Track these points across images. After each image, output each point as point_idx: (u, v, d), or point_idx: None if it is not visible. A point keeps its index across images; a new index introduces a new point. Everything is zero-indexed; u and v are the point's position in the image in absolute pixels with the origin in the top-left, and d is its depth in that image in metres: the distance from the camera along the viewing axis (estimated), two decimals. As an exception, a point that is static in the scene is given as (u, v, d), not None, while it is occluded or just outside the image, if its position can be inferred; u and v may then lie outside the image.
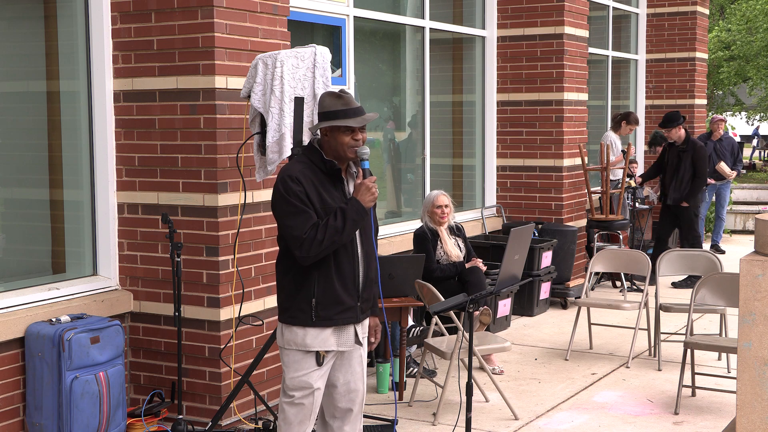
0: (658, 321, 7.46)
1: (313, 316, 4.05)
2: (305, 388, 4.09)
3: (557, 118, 9.72)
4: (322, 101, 4.09)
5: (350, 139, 4.02)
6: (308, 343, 4.07)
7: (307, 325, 4.06)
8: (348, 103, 4.03)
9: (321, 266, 4.04)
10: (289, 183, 3.98)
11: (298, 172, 4.01)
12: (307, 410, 4.12)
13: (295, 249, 3.97)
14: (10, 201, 5.87)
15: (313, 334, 4.07)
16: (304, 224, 3.94)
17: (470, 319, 4.89)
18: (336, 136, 4.03)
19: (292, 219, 3.97)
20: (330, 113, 4.02)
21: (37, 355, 5.14)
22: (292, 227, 3.97)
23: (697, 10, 13.07)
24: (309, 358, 4.09)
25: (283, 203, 4.00)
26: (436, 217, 7.24)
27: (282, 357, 4.18)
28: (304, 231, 3.93)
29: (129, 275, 5.90)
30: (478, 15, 9.91)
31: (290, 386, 4.12)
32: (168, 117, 5.70)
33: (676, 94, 13.21)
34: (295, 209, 3.96)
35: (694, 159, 10.22)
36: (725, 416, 6.04)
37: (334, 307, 4.07)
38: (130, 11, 5.75)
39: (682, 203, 10.20)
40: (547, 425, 5.91)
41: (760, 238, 3.36)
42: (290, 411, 4.13)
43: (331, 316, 4.07)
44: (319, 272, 4.04)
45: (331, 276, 4.05)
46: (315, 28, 7.61)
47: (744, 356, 3.26)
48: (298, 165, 4.07)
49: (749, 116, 28.60)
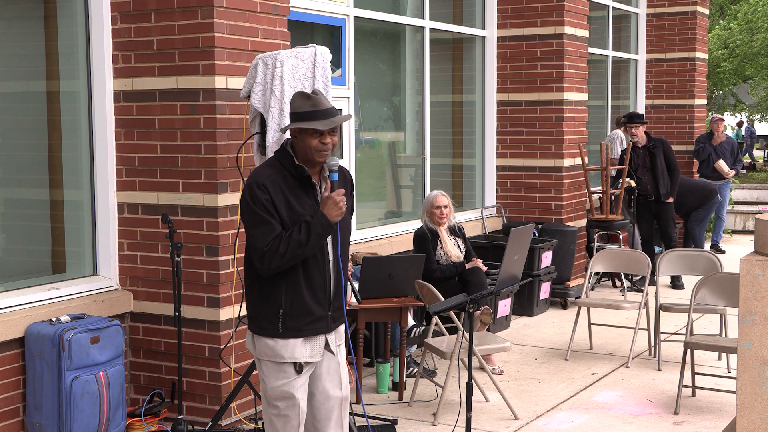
0: (658, 321, 7.46)
1: (280, 327, 3.92)
2: (287, 398, 3.97)
3: (557, 118, 9.72)
4: (292, 101, 3.93)
5: (318, 143, 3.85)
6: (279, 354, 3.95)
7: (276, 336, 3.94)
8: (317, 104, 3.86)
9: (288, 276, 3.90)
10: (256, 191, 3.83)
11: (266, 179, 3.85)
12: (294, 421, 4.00)
13: (256, 261, 3.84)
14: (10, 201, 5.87)
15: (282, 345, 3.94)
16: (266, 236, 3.80)
17: (470, 319, 4.89)
18: (304, 139, 3.86)
19: (255, 229, 3.84)
20: (298, 114, 3.87)
21: (37, 355, 5.14)
22: (254, 237, 3.84)
23: (697, 10, 13.07)
24: (287, 367, 3.96)
25: (247, 212, 3.87)
26: (435, 217, 7.24)
27: (258, 366, 4.06)
28: (266, 243, 3.79)
29: (129, 275, 5.91)
30: (478, 15, 9.91)
31: (272, 396, 4.00)
32: (168, 117, 5.70)
33: (676, 94, 13.21)
34: (259, 219, 3.82)
35: (666, 153, 10.34)
36: (725, 416, 6.04)
37: (303, 317, 3.93)
38: (130, 11, 5.75)
39: (669, 198, 10.28)
40: (547, 425, 5.91)
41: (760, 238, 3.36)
42: (278, 423, 4.01)
43: (300, 327, 3.93)
44: (287, 282, 3.90)
45: (299, 286, 3.91)
46: (315, 28, 7.61)
47: (744, 356, 3.26)
48: (268, 170, 3.91)
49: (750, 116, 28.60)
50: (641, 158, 10.32)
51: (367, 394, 6.47)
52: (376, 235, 8.23)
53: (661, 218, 10.38)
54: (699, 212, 11.39)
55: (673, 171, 10.33)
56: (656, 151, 10.28)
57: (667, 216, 10.37)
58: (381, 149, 9.03)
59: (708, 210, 11.58)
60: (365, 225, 8.33)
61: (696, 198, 11.34)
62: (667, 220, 10.38)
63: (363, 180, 8.43)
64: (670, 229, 10.39)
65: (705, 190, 11.53)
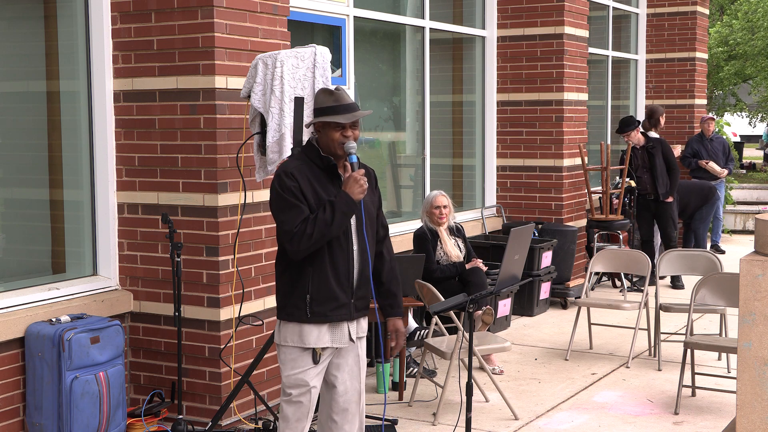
0: (658, 321, 7.46)
1: (308, 312, 4.09)
2: (302, 386, 4.13)
3: (557, 118, 9.72)
4: (316, 98, 4.18)
5: (340, 135, 4.06)
6: (304, 340, 4.11)
7: (303, 321, 4.10)
8: (339, 99, 4.08)
9: (315, 262, 4.07)
10: (284, 178, 4.05)
11: (293, 168, 4.08)
12: (304, 408, 4.15)
13: (286, 243, 4.02)
14: (10, 201, 5.87)
15: (308, 330, 4.10)
16: (295, 218, 3.99)
17: (470, 319, 4.89)
18: (327, 132, 4.09)
19: (284, 213, 4.03)
20: (321, 109, 4.10)
21: (37, 355, 5.14)
22: (283, 221, 4.03)
23: (697, 10, 13.06)
24: (305, 355, 4.12)
25: (277, 199, 4.06)
26: (435, 217, 7.24)
27: (279, 355, 4.21)
28: (295, 225, 3.98)
29: (129, 275, 5.91)
30: (478, 15, 9.91)
31: (287, 384, 4.15)
32: (168, 117, 5.70)
33: (676, 94, 13.21)
34: (288, 204, 4.02)
35: (665, 153, 10.37)
36: (725, 416, 6.04)
37: (328, 303, 4.10)
38: (130, 11, 5.75)
39: (669, 198, 10.29)
40: (547, 425, 5.91)
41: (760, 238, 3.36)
42: (288, 409, 4.16)
43: (326, 312, 4.10)
44: (314, 268, 4.08)
45: (326, 272, 4.08)
46: (315, 28, 7.61)
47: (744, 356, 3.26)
48: (295, 161, 4.16)
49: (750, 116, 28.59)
50: (640, 158, 10.34)
51: (367, 394, 6.47)
52: (376, 235, 8.22)
53: (661, 218, 10.39)
54: (702, 211, 11.45)
55: (672, 170, 10.35)
56: (654, 151, 10.30)
57: (666, 216, 10.37)
58: (381, 149, 9.03)
59: (710, 208, 11.65)
60: (365, 225, 8.31)
61: (698, 198, 11.39)
62: (667, 219, 10.38)
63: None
64: (670, 229, 10.40)
65: (705, 188, 11.58)
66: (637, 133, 10.34)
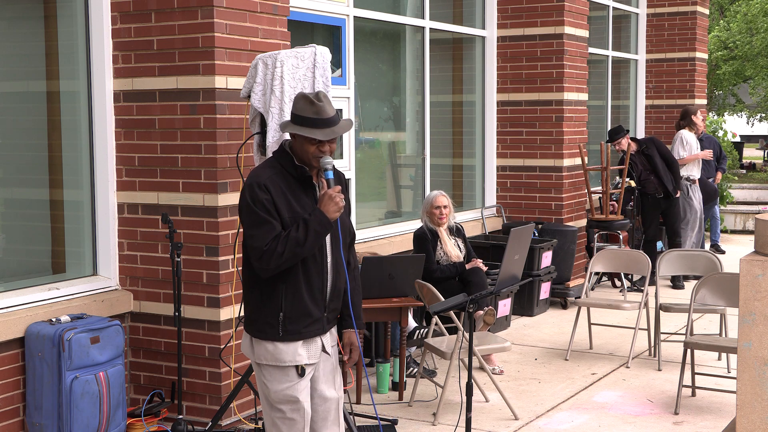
0: (658, 321, 7.46)
1: (280, 330, 3.90)
2: (292, 402, 3.95)
3: (557, 118, 9.72)
4: (296, 102, 3.91)
5: (316, 150, 3.85)
6: (280, 358, 3.93)
7: (276, 339, 3.92)
8: (320, 112, 3.84)
9: (288, 278, 3.88)
10: (256, 190, 3.82)
11: (266, 179, 3.84)
12: (300, 424, 3.98)
13: (255, 260, 3.82)
14: (10, 201, 5.87)
15: (282, 349, 3.93)
16: (266, 235, 3.78)
17: (470, 319, 4.89)
18: (302, 144, 3.87)
19: (255, 228, 3.81)
20: (299, 118, 3.85)
21: (37, 355, 5.14)
22: (253, 237, 3.81)
23: (697, 10, 13.07)
24: (289, 370, 3.94)
25: (248, 212, 3.84)
26: (435, 217, 7.24)
27: (259, 370, 4.00)
28: (266, 243, 3.77)
29: (129, 275, 5.91)
30: (478, 15, 9.91)
31: (276, 400, 3.97)
32: (168, 117, 5.70)
33: (676, 94, 13.21)
34: (259, 219, 3.80)
35: (660, 150, 10.44)
36: (725, 416, 6.04)
37: (302, 320, 3.91)
38: (130, 11, 5.75)
39: (677, 193, 10.38)
40: (547, 425, 5.91)
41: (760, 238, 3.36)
42: (283, 426, 3.99)
43: (300, 329, 3.91)
44: (287, 285, 3.88)
45: (299, 288, 3.89)
46: (315, 28, 7.61)
47: (744, 356, 3.26)
48: (268, 170, 3.90)
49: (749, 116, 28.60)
50: (640, 162, 10.38)
51: (367, 394, 6.47)
52: (376, 235, 8.23)
53: (670, 214, 10.47)
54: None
55: (671, 164, 10.42)
56: (650, 151, 10.36)
57: (676, 211, 10.49)
58: (381, 149, 9.03)
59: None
60: (365, 225, 8.33)
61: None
62: (676, 215, 10.50)
63: (363, 180, 8.43)
64: (677, 224, 10.50)
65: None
66: (626, 140, 10.40)
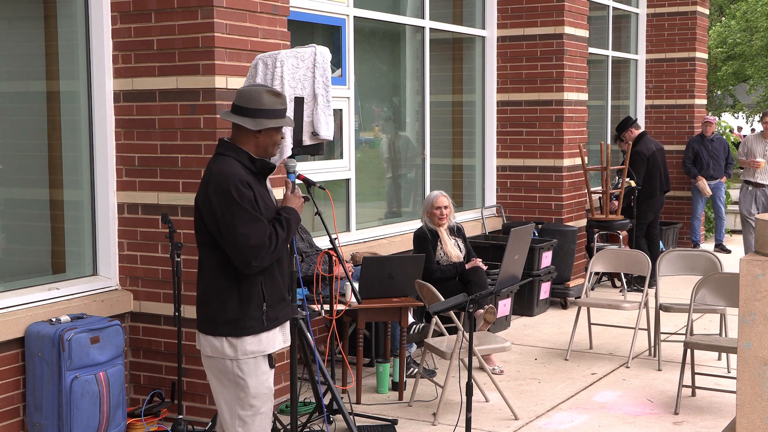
0: (658, 321, 7.46)
1: (264, 320, 4.01)
2: (265, 394, 4.07)
3: (557, 118, 9.72)
4: (263, 98, 4.01)
5: (279, 138, 4.10)
6: (265, 347, 4.04)
7: (261, 330, 4.02)
8: (284, 103, 4.09)
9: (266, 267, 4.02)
10: (242, 188, 3.87)
11: (244, 176, 3.93)
12: (268, 417, 4.12)
13: (252, 259, 3.88)
14: (10, 201, 5.87)
15: (266, 338, 4.04)
16: (261, 233, 3.88)
17: (470, 319, 4.89)
18: (271, 135, 4.05)
19: (248, 227, 3.86)
20: (272, 111, 4.02)
21: (37, 355, 5.14)
22: (249, 236, 3.85)
23: (697, 10, 13.07)
24: (262, 363, 4.04)
25: (238, 210, 3.86)
26: (435, 218, 7.24)
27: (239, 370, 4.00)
28: (263, 241, 3.88)
29: (129, 275, 5.91)
30: (478, 15, 9.91)
31: (254, 394, 4.02)
32: (168, 117, 5.70)
33: (675, 94, 13.22)
34: (250, 217, 3.87)
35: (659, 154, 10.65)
36: (725, 416, 6.04)
37: (279, 305, 4.11)
38: (130, 11, 5.75)
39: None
40: (547, 425, 5.91)
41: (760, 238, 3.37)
42: (256, 422, 4.05)
43: (278, 315, 4.11)
44: (265, 274, 4.02)
45: (275, 274, 4.07)
46: (315, 28, 7.61)
47: (744, 356, 3.26)
48: (238, 168, 3.96)
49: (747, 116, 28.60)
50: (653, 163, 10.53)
51: (367, 394, 6.47)
52: (376, 235, 8.23)
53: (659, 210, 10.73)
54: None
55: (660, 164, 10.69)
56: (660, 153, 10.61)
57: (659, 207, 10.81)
58: (381, 149, 9.03)
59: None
60: (365, 225, 8.33)
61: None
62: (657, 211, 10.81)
63: (363, 180, 8.43)
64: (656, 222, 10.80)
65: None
66: (632, 132, 10.49)
